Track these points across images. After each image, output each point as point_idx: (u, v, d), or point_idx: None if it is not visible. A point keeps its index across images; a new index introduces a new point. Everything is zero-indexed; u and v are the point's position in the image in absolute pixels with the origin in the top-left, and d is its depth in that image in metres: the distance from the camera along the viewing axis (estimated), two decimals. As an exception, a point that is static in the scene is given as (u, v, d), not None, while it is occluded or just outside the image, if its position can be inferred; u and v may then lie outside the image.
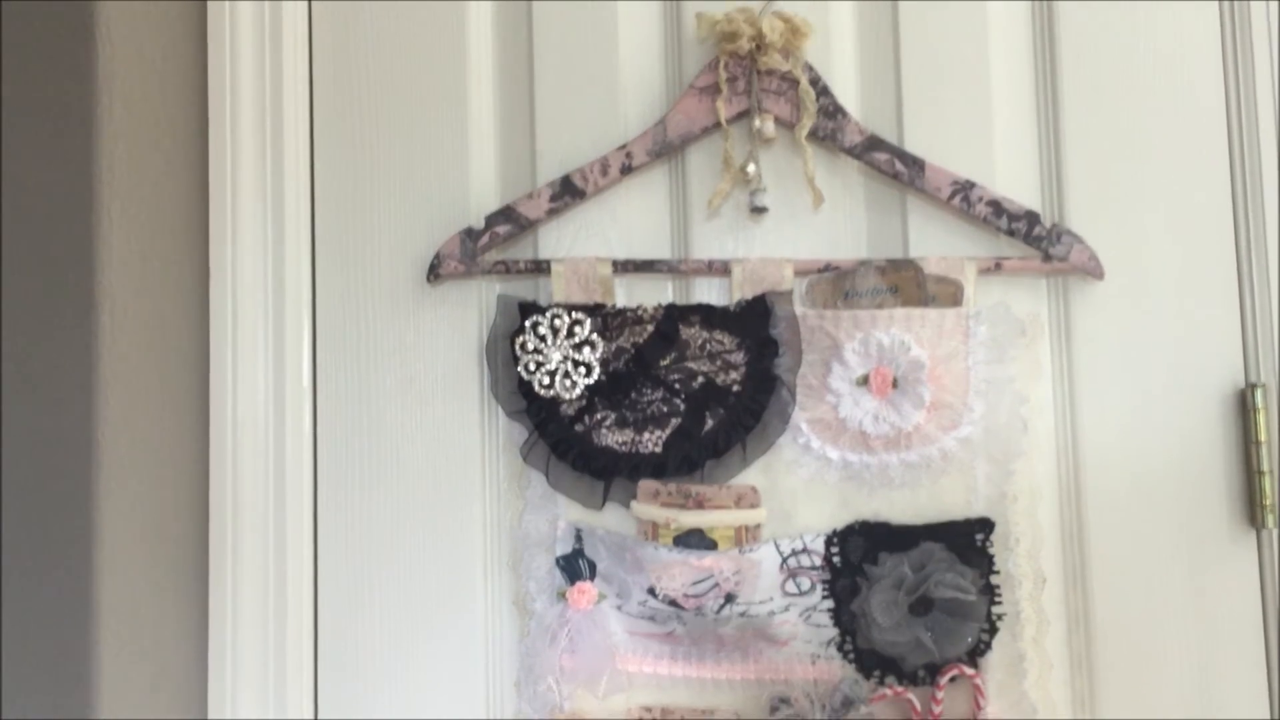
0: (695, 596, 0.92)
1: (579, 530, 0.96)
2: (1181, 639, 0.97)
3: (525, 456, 0.96)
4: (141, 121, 0.89)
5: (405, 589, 0.99)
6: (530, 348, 0.95)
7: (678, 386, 0.95)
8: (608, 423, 0.94)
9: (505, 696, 0.98)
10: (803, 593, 0.93)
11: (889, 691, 0.91)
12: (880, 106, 1.01)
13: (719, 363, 0.95)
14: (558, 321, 0.95)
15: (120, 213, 0.86)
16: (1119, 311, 0.99)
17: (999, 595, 0.92)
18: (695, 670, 0.95)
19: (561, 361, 0.94)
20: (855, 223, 1.01)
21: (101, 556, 0.83)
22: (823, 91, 0.98)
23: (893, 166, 0.98)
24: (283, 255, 0.99)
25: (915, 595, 0.91)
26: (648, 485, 0.94)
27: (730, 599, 0.92)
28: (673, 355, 0.95)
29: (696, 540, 0.93)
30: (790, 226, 1.00)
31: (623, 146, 0.98)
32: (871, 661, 0.92)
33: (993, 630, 0.91)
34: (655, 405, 0.95)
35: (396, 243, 1.01)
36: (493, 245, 0.98)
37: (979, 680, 0.91)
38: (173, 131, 0.95)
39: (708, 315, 0.95)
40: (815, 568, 0.93)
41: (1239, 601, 0.98)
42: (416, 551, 0.99)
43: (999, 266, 0.96)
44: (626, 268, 0.97)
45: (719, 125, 0.98)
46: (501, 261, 0.98)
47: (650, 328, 0.95)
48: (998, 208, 0.97)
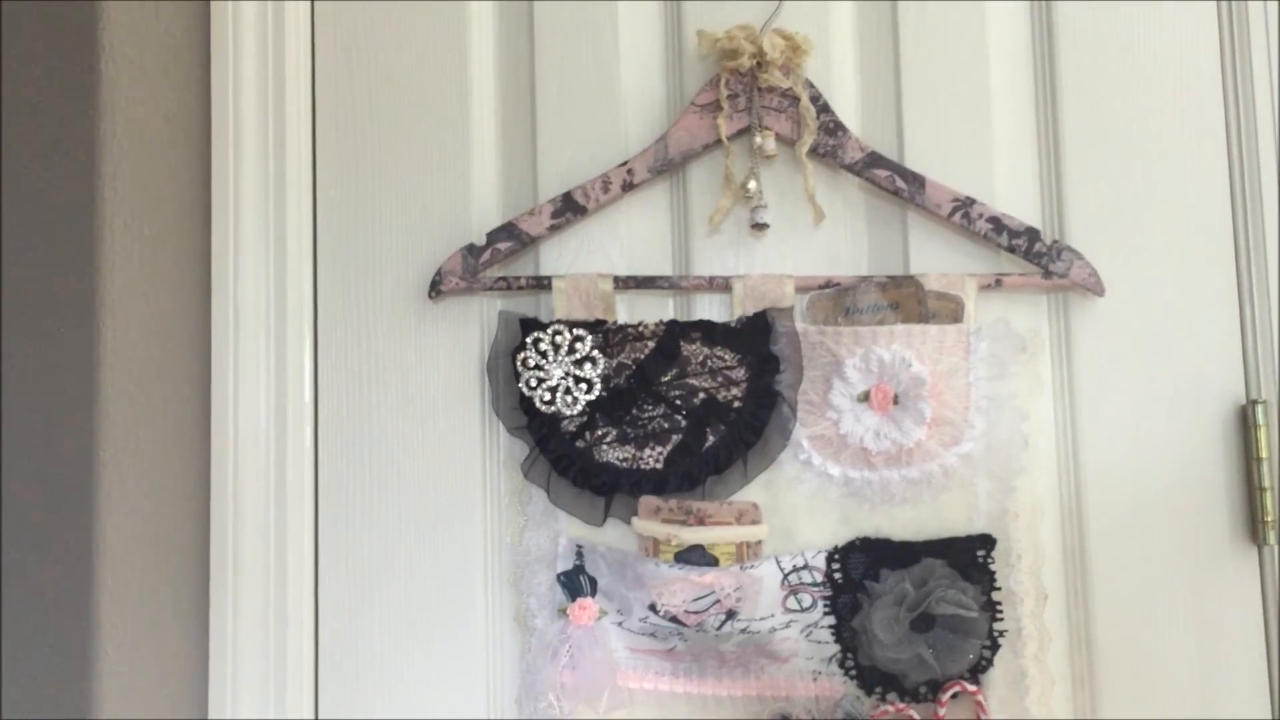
0: (696, 613, 0.92)
1: (580, 546, 0.96)
2: (1183, 655, 0.97)
3: (526, 473, 0.96)
4: (144, 136, 0.89)
5: (406, 604, 0.99)
6: (531, 364, 0.95)
7: (679, 403, 0.95)
8: (609, 439, 0.94)
9: (506, 713, 0.98)
10: (804, 609, 0.93)
11: (891, 708, 0.91)
12: (880, 123, 1.02)
13: (720, 379, 0.95)
14: (559, 338, 0.95)
15: (123, 227, 0.86)
16: (1120, 328, 0.99)
17: (1000, 612, 0.92)
18: (696, 687, 0.95)
19: (563, 378, 0.94)
20: (856, 239, 1.01)
21: (103, 567, 0.83)
22: (823, 108, 0.98)
23: (893, 183, 0.98)
24: (285, 270, 0.99)
25: (917, 612, 0.90)
26: (649, 501, 0.93)
27: (731, 615, 0.92)
28: (674, 371, 0.95)
29: (698, 556, 0.93)
30: (791, 243, 1.01)
31: (624, 163, 0.99)
32: (873, 678, 0.92)
33: (994, 647, 0.91)
34: (656, 421, 0.95)
35: (398, 258, 1.01)
36: (494, 261, 0.98)
37: (981, 697, 0.90)
38: (175, 148, 0.95)
39: (709, 331, 0.95)
40: (817, 584, 0.93)
41: (1240, 618, 0.97)
42: (417, 567, 0.99)
43: (999, 283, 0.96)
44: (628, 284, 0.98)
45: (720, 142, 0.98)
46: (503, 278, 0.98)
47: (651, 344, 0.95)
48: (998, 224, 0.97)
